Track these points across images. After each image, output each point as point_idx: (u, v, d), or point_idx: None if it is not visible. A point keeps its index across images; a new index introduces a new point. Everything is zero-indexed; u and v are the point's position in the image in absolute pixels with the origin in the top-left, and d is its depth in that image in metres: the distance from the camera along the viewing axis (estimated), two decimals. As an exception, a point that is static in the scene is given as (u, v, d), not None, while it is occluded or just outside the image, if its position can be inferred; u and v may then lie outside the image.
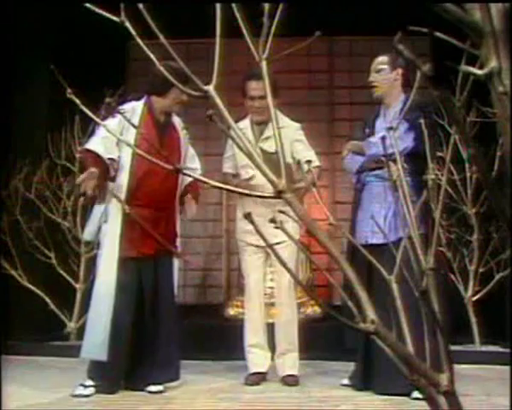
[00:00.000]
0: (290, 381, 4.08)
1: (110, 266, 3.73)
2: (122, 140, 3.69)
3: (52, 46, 6.04)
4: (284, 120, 4.27)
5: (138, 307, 3.80)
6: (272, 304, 4.44)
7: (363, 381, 3.82)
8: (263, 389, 4.00)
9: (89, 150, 3.79)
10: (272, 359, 4.23)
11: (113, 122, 3.71)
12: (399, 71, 3.86)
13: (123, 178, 3.79)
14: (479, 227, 5.37)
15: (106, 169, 3.76)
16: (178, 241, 4.04)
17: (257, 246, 4.16)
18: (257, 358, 4.17)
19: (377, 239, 3.62)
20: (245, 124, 4.27)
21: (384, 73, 3.88)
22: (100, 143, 3.76)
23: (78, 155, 4.00)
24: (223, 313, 5.98)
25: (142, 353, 3.82)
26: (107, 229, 3.79)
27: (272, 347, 4.24)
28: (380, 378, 3.62)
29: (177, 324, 3.92)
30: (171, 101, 3.87)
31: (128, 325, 3.73)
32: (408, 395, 3.48)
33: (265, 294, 4.45)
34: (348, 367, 4.09)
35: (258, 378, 4.12)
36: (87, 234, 3.99)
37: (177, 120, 4.03)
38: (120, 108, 3.91)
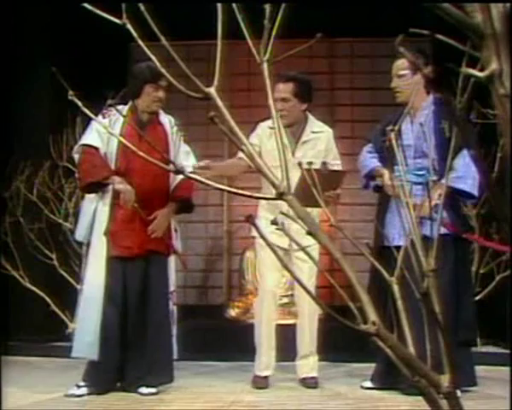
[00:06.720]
0: (310, 383, 4.04)
1: (98, 266, 3.74)
2: (113, 134, 3.73)
3: (53, 48, 6.03)
4: (317, 124, 4.20)
5: (124, 307, 3.77)
6: (288, 304, 4.35)
7: (385, 380, 3.78)
8: (265, 390, 3.98)
9: (86, 145, 3.83)
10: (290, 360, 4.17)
11: (103, 120, 3.79)
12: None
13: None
14: (479, 228, 5.37)
15: (105, 163, 3.80)
16: (177, 242, 3.99)
17: (278, 247, 3.86)
18: (268, 361, 4.11)
19: (404, 241, 3.57)
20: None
21: (406, 79, 3.77)
22: (97, 137, 3.81)
23: (74, 154, 3.99)
24: (224, 314, 5.98)
25: (131, 355, 3.78)
26: (95, 227, 3.81)
27: (284, 348, 4.19)
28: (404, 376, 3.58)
29: (169, 326, 3.83)
30: (146, 100, 3.86)
31: (116, 325, 3.72)
32: None
33: (286, 295, 4.36)
34: (352, 369, 4.07)
35: (267, 382, 4.07)
36: (78, 235, 3.97)
37: (166, 118, 4.01)
38: (109, 108, 3.95)
